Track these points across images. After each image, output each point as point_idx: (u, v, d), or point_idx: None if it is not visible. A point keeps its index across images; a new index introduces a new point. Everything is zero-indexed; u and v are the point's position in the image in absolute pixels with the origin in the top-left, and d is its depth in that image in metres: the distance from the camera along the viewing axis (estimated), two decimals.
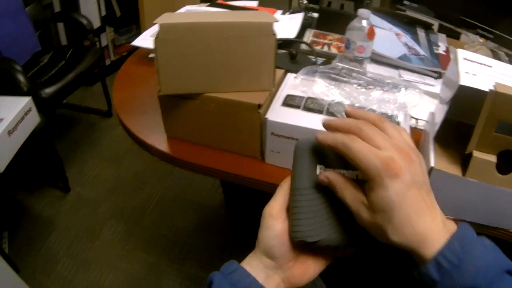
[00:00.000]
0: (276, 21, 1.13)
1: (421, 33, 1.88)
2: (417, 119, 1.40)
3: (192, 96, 1.23)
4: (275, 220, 0.74)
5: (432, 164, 1.05)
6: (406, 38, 1.79)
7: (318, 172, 0.71)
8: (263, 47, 1.14)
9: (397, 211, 0.60)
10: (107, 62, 4.36)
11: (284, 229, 0.74)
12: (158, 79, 1.19)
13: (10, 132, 2.16)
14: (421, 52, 1.71)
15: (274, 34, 1.12)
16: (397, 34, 1.79)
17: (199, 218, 2.88)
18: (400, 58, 1.64)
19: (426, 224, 0.60)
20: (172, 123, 1.36)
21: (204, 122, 1.28)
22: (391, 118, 1.12)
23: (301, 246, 0.73)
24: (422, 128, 1.34)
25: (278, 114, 1.16)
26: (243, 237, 0.90)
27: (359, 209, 0.64)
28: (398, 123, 1.12)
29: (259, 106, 1.15)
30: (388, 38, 1.75)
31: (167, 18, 1.16)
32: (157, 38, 1.13)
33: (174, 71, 1.18)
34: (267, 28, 1.12)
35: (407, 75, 1.62)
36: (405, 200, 0.60)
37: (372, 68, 1.62)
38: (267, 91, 1.20)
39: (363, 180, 0.65)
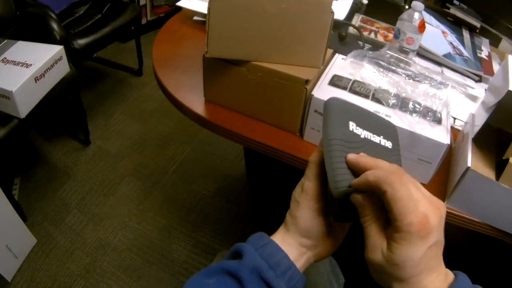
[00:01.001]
0: (336, 0, 1.11)
1: (466, 34, 1.86)
2: (454, 118, 1.38)
3: (238, 63, 1.22)
4: (311, 199, 0.74)
5: (469, 164, 1.04)
6: (452, 37, 1.77)
7: (350, 128, 0.72)
8: (319, 24, 1.12)
9: (412, 268, 0.60)
10: (143, 21, 4.31)
11: (321, 208, 0.75)
12: (206, 40, 1.17)
13: (37, 79, 2.16)
14: (465, 53, 1.69)
15: (332, 12, 1.11)
16: (443, 32, 1.77)
17: (219, 187, 2.87)
18: (445, 56, 1.62)
19: (431, 279, 0.61)
20: (212, 87, 1.35)
21: (247, 90, 1.27)
22: (435, 114, 1.11)
23: (337, 215, 0.74)
24: (457, 127, 1.33)
25: (324, 92, 1.14)
26: (261, 210, 0.89)
27: (375, 250, 0.64)
28: (440, 120, 1.10)
29: (307, 81, 1.14)
30: (435, 34, 1.73)
31: None
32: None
33: (225, 34, 1.16)
34: (326, 5, 1.10)
35: (450, 74, 1.60)
36: (423, 260, 0.60)
37: (416, 62, 1.60)
38: (316, 68, 1.19)
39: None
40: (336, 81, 1.18)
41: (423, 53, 1.64)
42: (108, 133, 3.30)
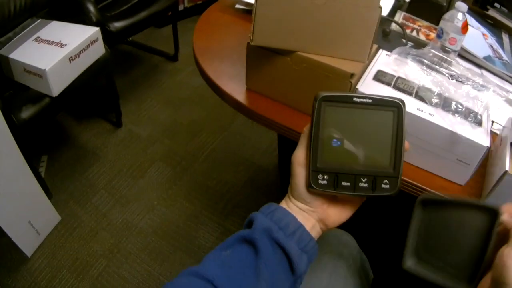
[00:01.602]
0: None
1: (505, 38, 1.84)
2: (493, 121, 1.37)
3: (283, 52, 1.22)
4: (303, 167, 0.79)
5: (507, 168, 1.03)
6: (492, 40, 1.76)
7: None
8: (367, 18, 1.12)
9: None
10: (180, 7, 4.30)
11: None
12: (252, 27, 1.18)
13: (71, 59, 2.17)
14: (504, 57, 1.68)
15: (380, 8, 1.10)
16: (483, 34, 1.76)
17: (249, 177, 2.86)
18: (485, 58, 1.61)
19: None
20: (255, 76, 1.35)
21: (290, 81, 1.27)
22: (476, 116, 1.10)
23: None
24: (495, 131, 1.32)
25: (368, 87, 1.15)
26: None
27: None
28: (481, 122, 1.10)
29: (352, 75, 1.14)
30: (476, 36, 1.72)
31: None
32: None
33: (271, 23, 1.16)
34: (374, 1, 1.10)
35: (489, 77, 1.58)
36: None
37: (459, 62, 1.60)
38: (361, 62, 1.18)
39: None
40: (380, 77, 1.18)
41: (463, 54, 1.63)
42: (139, 117, 3.31)
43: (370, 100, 0.76)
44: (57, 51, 2.15)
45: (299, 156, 0.80)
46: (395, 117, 0.76)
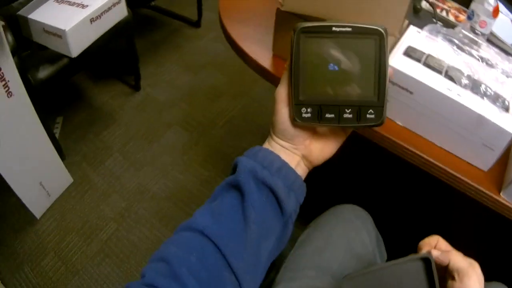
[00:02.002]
0: None
1: None
2: None
3: (312, 19, 1.18)
4: (285, 104, 0.79)
5: None
6: None
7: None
8: None
9: None
10: None
11: None
12: None
13: (92, 20, 2.16)
14: None
15: None
16: None
17: None
18: None
19: None
20: (282, 41, 1.33)
21: None
22: (504, 101, 1.08)
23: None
24: None
25: (398, 61, 1.12)
26: (308, 173, 0.89)
27: None
28: (508, 108, 1.08)
29: None
30: (505, 23, 1.69)
31: None
32: None
33: None
34: None
35: None
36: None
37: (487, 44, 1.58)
38: (392, 36, 1.16)
39: None
40: (410, 52, 1.16)
41: (492, 39, 1.60)
42: (158, 81, 3.29)
43: (350, 29, 0.74)
44: (78, 11, 2.14)
45: (281, 92, 0.79)
46: (376, 45, 0.75)
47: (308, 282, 1.16)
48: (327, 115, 0.76)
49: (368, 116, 0.76)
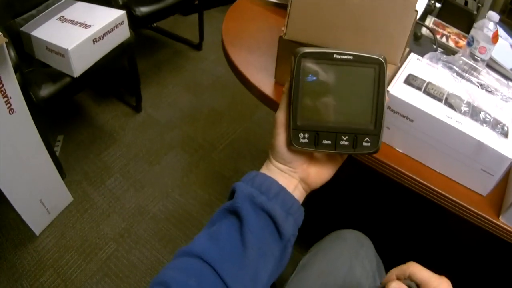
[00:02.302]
0: None
1: None
2: None
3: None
4: (284, 128, 0.79)
5: None
6: None
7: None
8: (402, 21, 1.11)
9: None
10: None
11: None
12: (286, 22, 1.17)
13: (95, 40, 2.18)
14: None
15: (416, 11, 1.10)
16: (511, 46, 1.75)
17: None
18: None
19: None
20: (284, 70, 1.33)
21: None
22: (503, 127, 1.10)
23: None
24: None
25: (399, 90, 1.14)
26: (309, 199, 0.88)
27: None
28: (507, 134, 1.09)
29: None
30: (504, 47, 1.71)
31: None
32: None
33: (305, 18, 1.16)
34: (411, 3, 1.09)
35: None
36: None
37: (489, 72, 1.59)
38: (393, 65, 1.17)
39: None
40: (411, 81, 1.17)
41: (491, 64, 1.62)
42: (160, 102, 3.30)
43: (351, 57, 0.75)
44: (81, 31, 2.17)
45: (280, 116, 0.79)
46: (376, 74, 0.76)
47: None
48: (324, 141, 0.77)
49: (364, 144, 0.77)
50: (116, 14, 2.31)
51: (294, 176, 0.82)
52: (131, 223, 2.48)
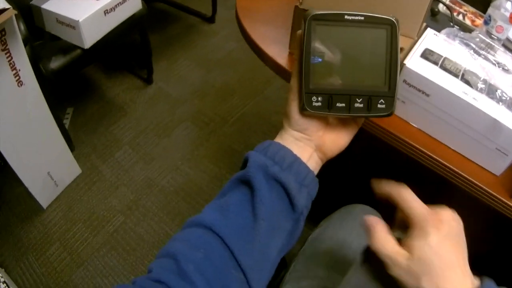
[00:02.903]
0: None
1: None
2: None
3: None
4: (296, 94, 0.77)
5: None
6: None
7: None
8: None
9: (435, 259, 0.62)
10: None
11: None
12: None
13: (106, 12, 2.17)
14: None
15: None
16: None
17: None
18: None
19: (457, 278, 0.63)
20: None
21: None
22: None
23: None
24: None
25: (415, 63, 1.12)
26: (319, 172, 0.88)
27: (398, 257, 0.65)
28: None
29: (401, 49, 1.12)
30: None
31: None
32: None
33: None
34: None
35: None
36: (442, 251, 0.63)
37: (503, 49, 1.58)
38: (410, 38, 1.17)
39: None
40: (428, 55, 1.16)
41: (507, 45, 1.61)
42: (171, 76, 3.30)
43: (362, 18, 0.75)
44: (92, 3, 2.15)
45: (294, 82, 0.78)
46: (388, 35, 0.75)
47: (319, 282, 1.16)
48: (338, 104, 0.76)
49: (379, 106, 0.76)
50: None
51: (309, 144, 0.80)
52: (139, 195, 2.49)
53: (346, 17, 0.74)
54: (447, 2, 1.72)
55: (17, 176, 2.01)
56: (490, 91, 1.10)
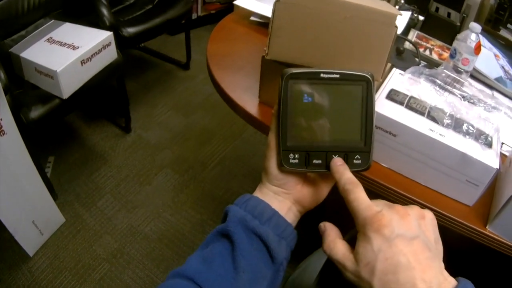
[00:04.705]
0: (400, 15, 1.11)
1: None
2: (502, 143, 1.37)
3: (297, 67, 1.21)
4: (274, 150, 0.79)
5: None
6: (504, 61, 1.76)
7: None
8: (382, 37, 1.12)
9: (381, 264, 0.61)
10: (193, 16, 4.37)
11: None
12: (268, 42, 1.17)
13: (83, 62, 2.20)
14: None
15: (396, 27, 1.11)
16: (495, 55, 1.76)
17: None
18: (496, 79, 1.62)
19: (413, 280, 0.60)
20: (268, 89, 1.35)
21: None
22: (487, 138, 1.11)
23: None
24: (504, 152, 1.32)
25: (381, 105, 1.15)
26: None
27: (346, 262, 0.67)
28: (491, 144, 1.11)
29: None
30: (487, 57, 1.73)
31: None
32: (278, 1, 1.11)
33: (286, 38, 1.16)
34: (391, 19, 1.10)
35: (500, 98, 1.59)
36: (389, 254, 0.61)
37: (471, 83, 1.61)
38: (375, 81, 1.19)
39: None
40: (393, 96, 1.18)
41: (475, 75, 1.63)
42: (149, 123, 3.32)
43: (338, 76, 0.75)
44: (69, 53, 2.18)
45: (271, 138, 0.80)
46: (364, 91, 0.76)
47: None
48: (315, 161, 0.77)
49: (355, 161, 0.77)
50: (103, 35, 2.33)
51: (288, 198, 0.82)
52: (124, 243, 2.48)
53: (322, 75, 0.75)
54: (414, 39, 1.75)
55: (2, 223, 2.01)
56: (457, 125, 1.12)
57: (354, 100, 0.76)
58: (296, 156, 0.77)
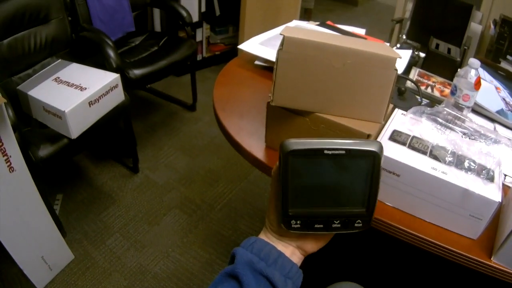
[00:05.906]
0: (400, 57, 1.14)
1: None
2: (505, 175, 1.39)
3: (302, 113, 1.25)
4: (276, 205, 0.84)
5: None
6: (505, 93, 1.79)
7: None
8: (383, 80, 1.15)
9: None
10: (199, 57, 4.41)
11: None
12: (272, 88, 1.20)
13: (91, 103, 2.22)
14: None
15: (396, 70, 1.13)
16: (496, 88, 1.79)
17: None
18: (498, 112, 1.65)
19: None
20: (274, 134, 1.38)
21: None
22: (488, 172, 1.13)
23: None
24: (508, 184, 1.35)
25: (384, 147, 1.16)
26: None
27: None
28: (493, 178, 1.13)
29: (369, 136, 1.16)
30: (488, 90, 1.75)
31: (291, 31, 1.18)
32: (281, 50, 1.15)
33: (290, 85, 1.20)
34: (390, 62, 1.13)
35: (502, 130, 1.62)
36: None
37: (471, 119, 1.62)
38: (377, 123, 1.22)
39: None
40: (396, 137, 1.21)
41: (476, 109, 1.65)
42: (156, 164, 3.34)
43: (343, 152, 0.75)
44: (77, 94, 2.22)
45: (272, 196, 0.84)
46: (370, 165, 0.76)
47: None
48: (316, 226, 0.80)
49: (356, 225, 0.80)
50: (110, 77, 2.36)
51: (291, 243, 0.86)
52: (133, 281, 2.48)
53: (326, 151, 0.75)
54: (415, 77, 1.77)
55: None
56: (459, 162, 1.14)
57: (359, 173, 0.77)
58: (298, 222, 0.80)
